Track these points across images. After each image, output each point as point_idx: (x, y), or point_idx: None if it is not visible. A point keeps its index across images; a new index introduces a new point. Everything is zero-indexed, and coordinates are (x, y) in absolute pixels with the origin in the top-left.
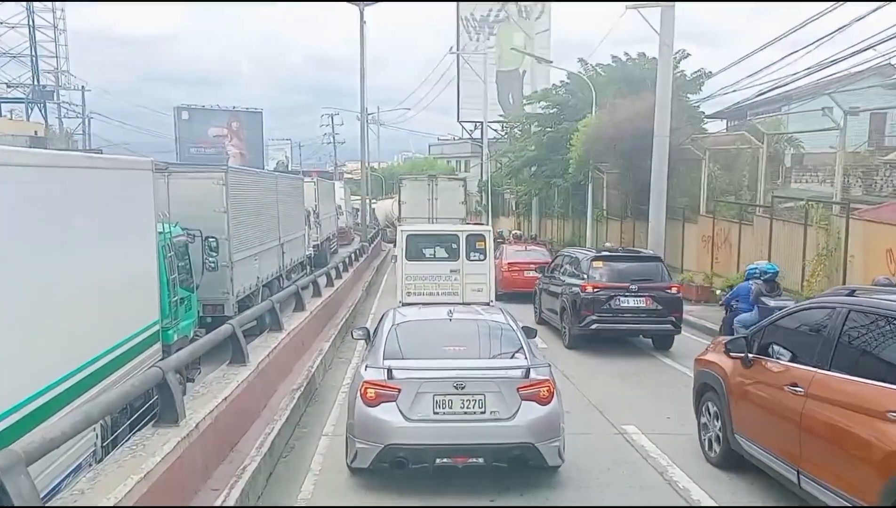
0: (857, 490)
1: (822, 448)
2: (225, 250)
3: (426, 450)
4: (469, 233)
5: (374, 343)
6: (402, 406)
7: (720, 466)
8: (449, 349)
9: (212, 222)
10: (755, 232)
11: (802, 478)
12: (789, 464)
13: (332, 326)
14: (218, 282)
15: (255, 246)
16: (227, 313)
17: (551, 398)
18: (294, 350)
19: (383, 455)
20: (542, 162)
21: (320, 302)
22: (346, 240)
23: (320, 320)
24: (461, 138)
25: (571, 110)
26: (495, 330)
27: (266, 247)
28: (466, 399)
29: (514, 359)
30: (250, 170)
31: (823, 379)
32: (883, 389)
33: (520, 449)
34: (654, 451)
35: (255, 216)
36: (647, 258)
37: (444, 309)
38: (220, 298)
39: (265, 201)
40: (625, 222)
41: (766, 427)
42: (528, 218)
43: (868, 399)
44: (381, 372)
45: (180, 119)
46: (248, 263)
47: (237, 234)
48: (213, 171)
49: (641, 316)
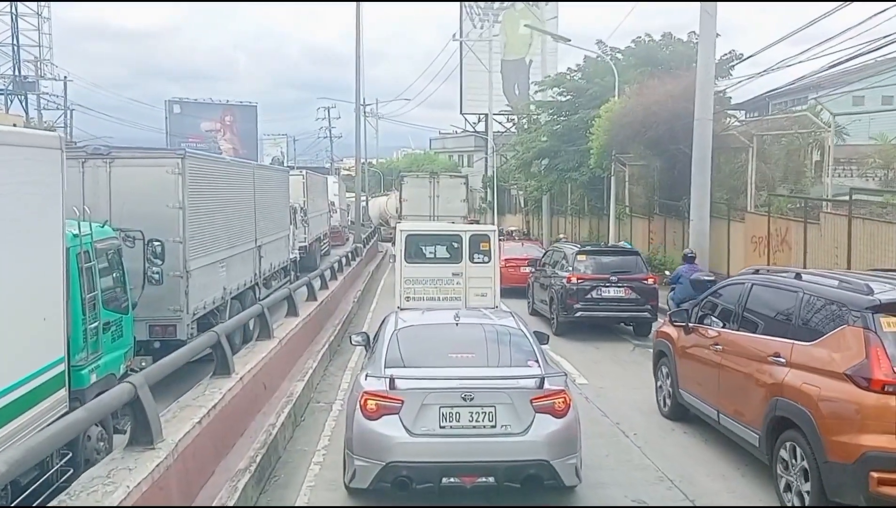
0: (750, 419)
1: (731, 390)
2: (177, 256)
3: (431, 468)
4: (473, 232)
5: (375, 349)
6: (406, 419)
7: (670, 418)
8: (456, 356)
9: (163, 221)
10: (823, 231)
11: (721, 416)
12: (713, 406)
13: (309, 353)
14: (168, 297)
15: (221, 250)
16: (181, 335)
17: (568, 410)
18: (249, 404)
19: (384, 474)
20: (555, 154)
21: (295, 324)
22: (339, 240)
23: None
24: (465, 130)
25: (589, 97)
26: (505, 335)
27: (237, 251)
28: (475, 411)
29: (527, 368)
30: (217, 157)
31: (733, 336)
32: (768, 340)
33: (534, 467)
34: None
35: (224, 214)
36: (627, 252)
37: (450, 313)
38: (171, 317)
39: (238, 196)
40: (652, 220)
41: (698, 380)
42: (538, 216)
43: (759, 348)
44: (382, 381)
45: (171, 113)
46: (211, 272)
47: (197, 236)
48: (165, 157)
49: (621, 304)
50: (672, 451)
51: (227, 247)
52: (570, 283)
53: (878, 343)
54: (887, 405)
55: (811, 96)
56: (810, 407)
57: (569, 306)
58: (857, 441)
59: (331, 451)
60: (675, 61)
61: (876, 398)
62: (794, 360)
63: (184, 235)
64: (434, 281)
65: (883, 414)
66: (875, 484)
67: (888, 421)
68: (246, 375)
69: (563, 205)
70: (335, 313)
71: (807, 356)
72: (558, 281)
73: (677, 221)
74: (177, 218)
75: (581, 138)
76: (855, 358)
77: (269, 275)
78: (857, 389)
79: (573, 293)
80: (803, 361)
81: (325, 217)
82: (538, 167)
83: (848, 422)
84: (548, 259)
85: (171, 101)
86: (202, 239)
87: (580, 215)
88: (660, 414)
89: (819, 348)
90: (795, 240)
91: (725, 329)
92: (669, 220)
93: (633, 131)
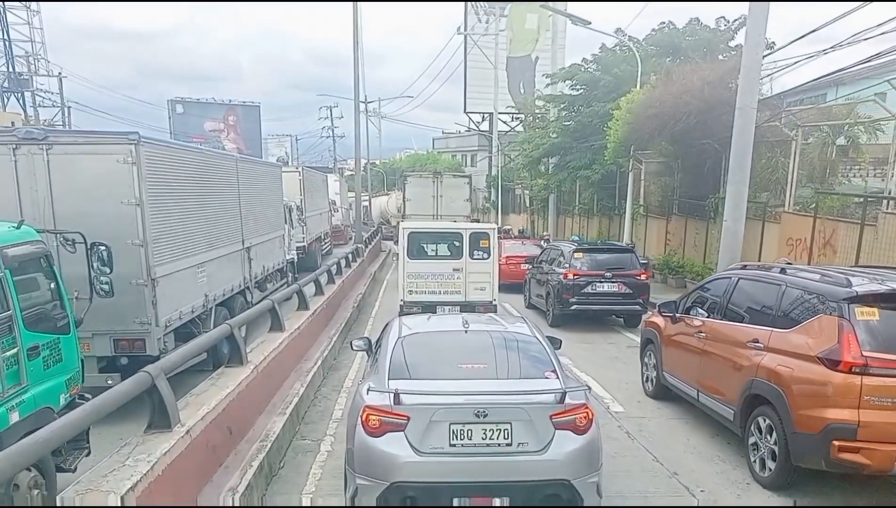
0: (727, 397)
1: (711, 371)
2: (138, 262)
3: (441, 489)
4: (472, 231)
5: (378, 358)
6: (412, 436)
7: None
8: (466, 367)
9: (119, 220)
10: (880, 233)
11: (700, 394)
12: (693, 386)
13: (297, 374)
14: (133, 308)
15: (198, 252)
16: (150, 350)
17: (590, 426)
18: (201, 466)
19: (389, 495)
20: (565, 151)
21: (279, 342)
22: (341, 239)
23: (278, 370)
24: (469, 129)
25: (604, 88)
26: (520, 343)
27: (221, 253)
28: (489, 428)
29: (545, 380)
30: (187, 145)
31: (716, 325)
32: (747, 328)
33: (553, 488)
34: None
35: (201, 212)
36: (621, 250)
37: (458, 319)
38: (138, 331)
39: (219, 192)
40: (670, 220)
41: (681, 364)
42: (544, 215)
43: (739, 335)
44: (385, 396)
45: (174, 113)
46: (187, 277)
47: (164, 238)
48: (114, 143)
49: (614, 298)
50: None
51: (207, 248)
52: (566, 279)
53: (850, 330)
54: (853, 384)
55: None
56: (783, 386)
57: (565, 300)
58: (822, 415)
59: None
60: (700, 50)
61: (843, 378)
62: (771, 345)
63: (145, 237)
64: (435, 276)
65: (847, 392)
66: (836, 451)
67: (851, 398)
68: (197, 426)
69: (570, 205)
70: (331, 322)
71: (783, 341)
72: (555, 276)
73: (700, 222)
74: (134, 216)
75: (594, 134)
76: (828, 343)
77: (262, 278)
78: (826, 370)
79: (569, 288)
80: (780, 346)
81: (326, 216)
82: (546, 165)
83: (816, 399)
84: (545, 256)
85: (173, 101)
86: (172, 240)
87: (589, 215)
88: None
89: (795, 334)
90: (843, 243)
91: (710, 318)
92: (691, 221)
93: (661, 123)
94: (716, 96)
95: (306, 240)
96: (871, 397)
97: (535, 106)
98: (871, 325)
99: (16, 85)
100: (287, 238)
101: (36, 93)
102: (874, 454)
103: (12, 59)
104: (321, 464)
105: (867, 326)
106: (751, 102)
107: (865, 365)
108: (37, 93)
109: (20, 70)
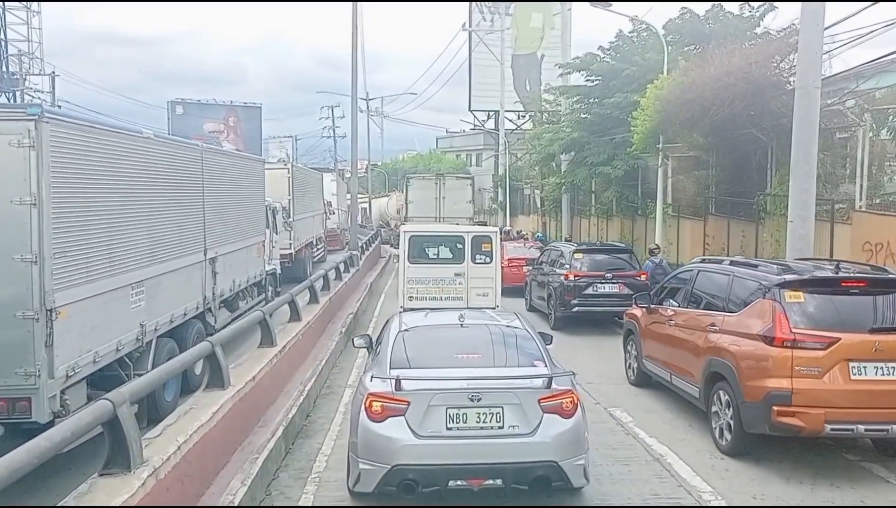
0: (693, 377)
1: (679, 355)
2: (26, 285)
3: (438, 471)
4: (474, 234)
5: (379, 351)
6: (412, 421)
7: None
8: (462, 357)
9: (4, 226)
10: None
11: (672, 377)
12: (666, 369)
13: (244, 454)
14: (14, 351)
15: (133, 267)
16: (37, 416)
17: (575, 410)
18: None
19: (390, 477)
20: (582, 146)
21: (210, 416)
22: (337, 244)
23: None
24: (474, 127)
25: (625, 79)
26: (511, 336)
27: (170, 267)
28: (483, 412)
29: (534, 368)
30: (121, 128)
31: (683, 312)
32: (707, 314)
33: (542, 469)
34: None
35: (140, 214)
36: (620, 250)
37: (454, 314)
38: (20, 385)
39: (170, 189)
40: (708, 221)
41: (657, 350)
42: (556, 216)
43: (700, 320)
44: (388, 383)
45: (174, 113)
46: (111, 303)
47: (74, 250)
48: (7, 118)
49: (615, 299)
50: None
51: (148, 262)
52: (567, 280)
53: (781, 311)
54: (786, 356)
55: None
56: (733, 362)
57: (566, 302)
58: (763, 384)
59: None
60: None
61: (778, 352)
62: (724, 328)
63: (41, 249)
64: (437, 281)
65: (782, 364)
66: (775, 416)
67: (785, 369)
68: None
69: (586, 205)
70: (303, 364)
71: (733, 324)
72: (556, 278)
73: (747, 223)
74: (26, 221)
75: (615, 127)
76: (766, 323)
77: (232, 296)
78: (765, 346)
79: (571, 289)
80: (731, 328)
81: (320, 219)
82: (560, 162)
83: (758, 371)
84: (545, 258)
85: (173, 102)
86: (88, 254)
87: (608, 215)
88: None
89: (741, 317)
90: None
91: (677, 307)
92: (735, 222)
93: (699, 110)
94: (765, 77)
95: (293, 246)
96: (801, 367)
97: (543, 100)
98: (798, 307)
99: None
100: (268, 245)
101: (26, 91)
102: (807, 416)
103: (7, 59)
104: None
105: (795, 308)
106: (813, 80)
107: (795, 340)
108: (27, 91)
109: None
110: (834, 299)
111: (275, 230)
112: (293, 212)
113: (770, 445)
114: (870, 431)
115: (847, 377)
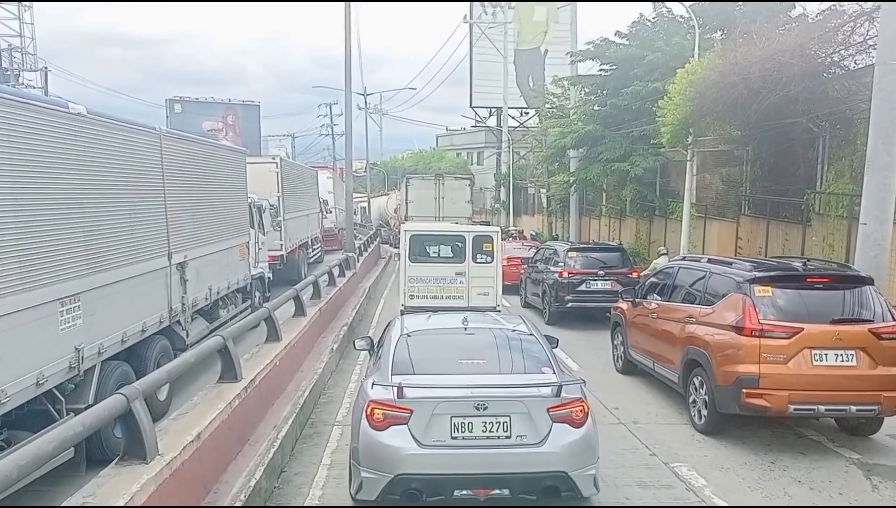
0: (673, 364)
1: (661, 344)
2: None
3: (443, 481)
4: (475, 234)
5: (380, 355)
6: (415, 429)
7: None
8: (466, 363)
9: None
10: None
11: (655, 365)
12: (650, 358)
13: None
14: None
15: (63, 277)
16: None
17: (586, 419)
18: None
19: (393, 487)
20: (596, 141)
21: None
22: (334, 244)
23: None
24: (475, 124)
25: (647, 66)
26: (517, 340)
27: (120, 275)
28: (489, 421)
29: (543, 375)
30: (38, 99)
31: (665, 305)
32: (685, 307)
33: (551, 479)
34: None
35: (70, 211)
36: (613, 249)
37: (458, 317)
38: None
39: (118, 180)
40: (741, 223)
41: (642, 341)
42: (563, 217)
43: (679, 312)
44: (389, 390)
45: (172, 112)
46: (29, 325)
47: None
48: None
49: (607, 295)
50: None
51: (85, 271)
52: (562, 277)
53: (751, 304)
54: (754, 344)
55: None
56: (708, 350)
57: (560, 298)
58: (734, 370)
59: None
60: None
61: (747, 340)
62: (701, 319)
63: None
64: (437, 280)
65: (751, 352)
66: (745, 398)
67: (754, 356)
68: None
69: (596, 205)
70: (291, 384)
71: (708, 316)
72: (551, 275)
73: (791, 225)
74: None
75: (633, 119)
76: (737, 315)
77: (210, 304)
78: (736, 335)
79: (564, 286)
80: (707, 319)
81: (315, 218)
82: (571, 157)
83: (730, 357)
84: (539, 256)
85: (171, 100)
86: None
87: (621, 215)
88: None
89: (716, 310)
90: None
91: (660, 301)
92: (775, 223)
93: (747, 93)
94: (826, 55)
95: (285, 246)
96: (768, 354)
97: (549, 94)
98: (767, 300)
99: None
100: (254, 246)
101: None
102: (772, 398)
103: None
104: None
105: (764, 301)
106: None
107: (762, 330)
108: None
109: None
110: (800, 293)
111: (262, 230)
112: (283, 211)
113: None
114: (830, 411)
115: (810, 363)
